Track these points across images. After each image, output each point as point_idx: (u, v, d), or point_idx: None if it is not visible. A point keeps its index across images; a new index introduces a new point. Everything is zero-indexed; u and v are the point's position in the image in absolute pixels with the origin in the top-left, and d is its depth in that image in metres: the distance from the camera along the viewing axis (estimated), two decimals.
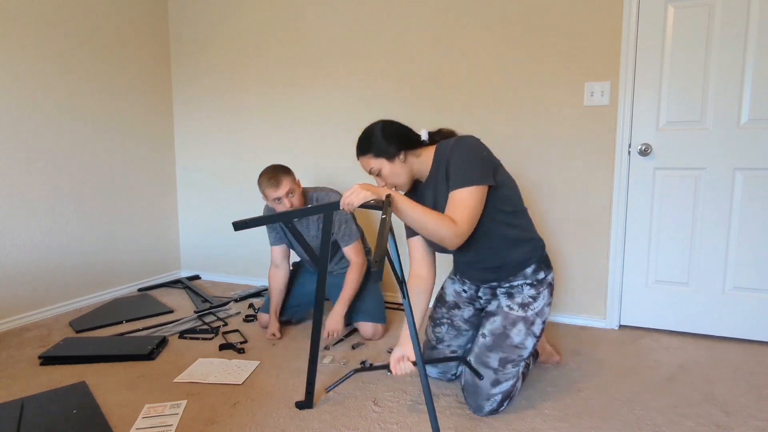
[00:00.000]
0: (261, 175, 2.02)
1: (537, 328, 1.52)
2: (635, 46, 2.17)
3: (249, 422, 1.48)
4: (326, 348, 2.08)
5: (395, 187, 1.56)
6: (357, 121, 2.75)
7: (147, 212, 3.11)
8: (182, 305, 2.71)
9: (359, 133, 2.71)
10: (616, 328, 2.34)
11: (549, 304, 1.55)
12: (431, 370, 1.75)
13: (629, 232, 2.29)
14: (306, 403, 1.55)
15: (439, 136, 1.60)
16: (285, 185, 1.98)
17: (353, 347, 2.09)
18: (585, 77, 2.26)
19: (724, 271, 2.16)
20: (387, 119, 1.57)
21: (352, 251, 2.14)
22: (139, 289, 3.01)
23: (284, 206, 2.01)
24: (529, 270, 1.53)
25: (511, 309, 1.52)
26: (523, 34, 2.35)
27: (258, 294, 2.89)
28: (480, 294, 1.67)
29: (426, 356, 1.74)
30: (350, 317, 2.23)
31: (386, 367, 1.52)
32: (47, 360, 1.92)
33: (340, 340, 2.17)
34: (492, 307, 1.58)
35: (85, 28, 2.66)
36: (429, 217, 1.34)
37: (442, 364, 1.71)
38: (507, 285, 1.55)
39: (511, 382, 1.50)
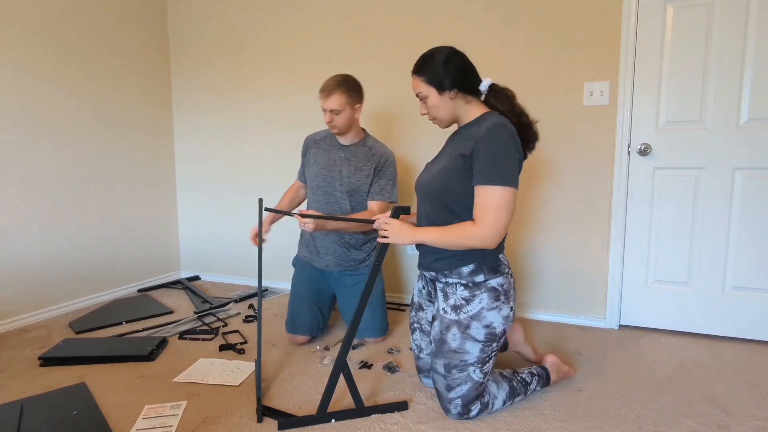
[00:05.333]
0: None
1: (476, 333, 1.43)
2: (635, 46, 2.17)
3: (249, 423, 1.48)
4: (326, 348, 2.08)
5: (434, 119, 1.50)
6: None
7: (147, 212, 3.11)
8: (182, 306, 2.71)
9: None
10: (616, 327, 2.34)
11: (494, 309, 1.43)
12: (426, 381, 1.70)
13: (629, 231, 2.29)
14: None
15: (497, 96, 1.48)
16: (334, 100, 1.84)
17: (353, 347, 2.09)
18: (584, 77, 2.26)
19: (723, 271, 2.16)
20: (456, 49, 1.45)
21: (377, 207, 2.01)
22: (139, 290, 3.01)
23: (326, 119, 1.90)
24: (465, 269, 1.44)
25: (445, 312, 1.47)
26: (523, 34, 2.35)
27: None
28: (430, 289, 1.63)
29: (417, 366, 1.71)
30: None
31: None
32: (47, 361, 1.92)
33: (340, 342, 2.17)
34: (435, 309, 1.55)
35: (84, 26, 2.66)
36: (448, 237, 1.39)
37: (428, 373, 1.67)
38: (444, 281, 1.50)
39: (465, 387, 1.45)
